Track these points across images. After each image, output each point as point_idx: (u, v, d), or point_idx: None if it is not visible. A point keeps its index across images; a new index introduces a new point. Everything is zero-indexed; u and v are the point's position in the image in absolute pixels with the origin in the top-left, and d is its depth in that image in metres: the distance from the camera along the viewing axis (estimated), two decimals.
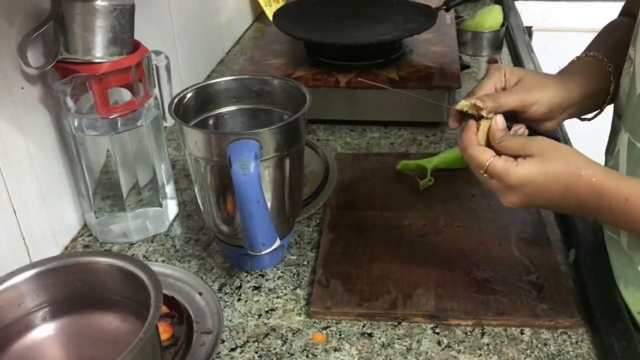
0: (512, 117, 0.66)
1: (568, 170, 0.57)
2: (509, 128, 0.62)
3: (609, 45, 0.74)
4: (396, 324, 0.68)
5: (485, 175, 0.60)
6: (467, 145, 0.61)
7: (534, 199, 0.59)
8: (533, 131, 0.67)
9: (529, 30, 1.70)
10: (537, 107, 0.66)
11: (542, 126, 0.69)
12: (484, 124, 0.61)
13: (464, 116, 0.63)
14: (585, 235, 0.77)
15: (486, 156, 0.59)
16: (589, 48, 0.75)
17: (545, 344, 0.65)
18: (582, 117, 0.74)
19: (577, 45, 0.83)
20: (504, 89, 0.67)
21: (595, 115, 0.74)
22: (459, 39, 1.29)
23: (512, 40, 1.43)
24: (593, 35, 0.77)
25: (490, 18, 1.38)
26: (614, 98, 0.72)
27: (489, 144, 0.61)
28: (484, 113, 0.61)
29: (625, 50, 0.70)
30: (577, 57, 0.74)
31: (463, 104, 0.62)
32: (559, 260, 0.75)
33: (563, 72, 0.72)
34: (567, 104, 0.68)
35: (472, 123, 0.62)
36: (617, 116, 0.70)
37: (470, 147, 0.60)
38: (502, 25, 1.39)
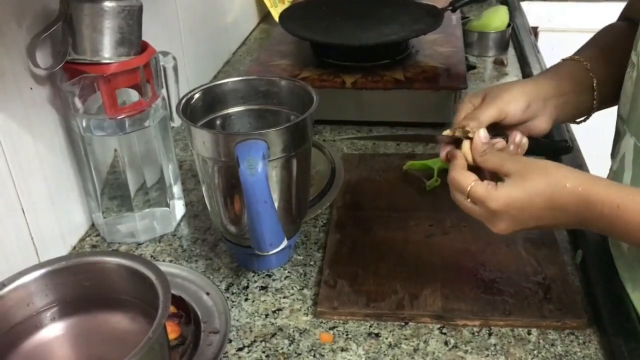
0: (500, 130, 0.67)
1: (549, 184, 0.56)
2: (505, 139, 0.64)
3: (599, 48, 0.74)
4: (403, 324, 0.68)
5: (468, 200, 0.60)
6: (451, 168, 0.61)
7: (522, 219, 0.58)
8: (535, 146, 0.68)
9: (535, 31, 1.70)
10: (514, 105, 0.66)
11: (534, 128, 0.69)
12: (466, 143, 0.62)
13: (454, 144, 0.65)
14: (592, 236, 0.76)
15: (468, 180, 0.59)
16: (576, 52, 0.75)
17: (552, 345, 0.65)
18: (576, 120, 0.74)
19: (582, 44, 0.83)
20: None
21: (586, 119, 0.74)
22: (465, 39, 1.29)
23: (518, 41, 1.43)
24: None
25: (496, 19, 1.38)
26: (608, 98, 0.71)
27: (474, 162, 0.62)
28: (470, 135, 0.62)
29: (616, 53, 0.70)
30: (558, 62, 0.75)
31: (447, 132, 0.64)
32: (565, 261, 0.75)
33: (536, 75, 0.75)
34: (544, 96, 0.68)
35: (458, 150, 0.63)
36: (621, 120, 0.69)
37: (454, 170, 0.61)
38: (508, 25, 1.39)
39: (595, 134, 1.06)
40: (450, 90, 1.05)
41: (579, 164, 0.94)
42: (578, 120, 0.74)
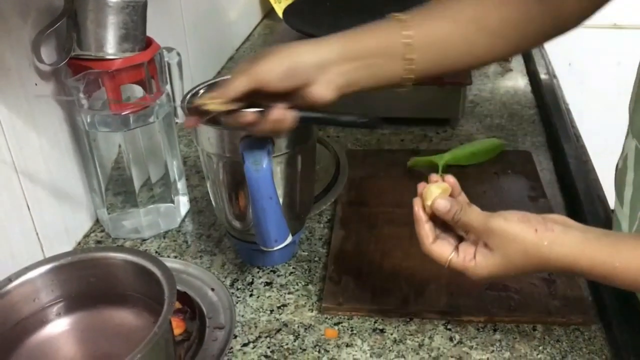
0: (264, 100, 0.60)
1: (532, 262, 0.54)
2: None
3: (430, 8, 0.65)
4: (408, 320, 0.68)
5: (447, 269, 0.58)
6: (422, 241, 0.59)
7: (505, 279, 0.59)
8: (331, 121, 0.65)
9: None
10: (269, 73, 0.58)
11: (310, 97, 0.60)
12: (435, 186, 0.60)
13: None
14: None
15: (445, 253, 0.57)
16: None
17: (557, 341, 0.64)
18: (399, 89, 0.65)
19: (587, 42, 0.83)
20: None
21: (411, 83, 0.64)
22: None
23: None
24: (603, 30, 0.77)
25: None
26: (433, 66, 0.63)
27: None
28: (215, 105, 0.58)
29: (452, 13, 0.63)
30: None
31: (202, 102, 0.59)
32: None
33: (332, 36, 0.65)
34: (318, 62, 0.60)
35: (419, 216, 0.60)
36: (630, 118, 0.67)
37: (425, 245, 0.59)
38: None
39: (600, 129, 1.06)
40: (455, 86, 1.05)
41: (584, 160, 0.94)
42: (401, 90, 0.66)
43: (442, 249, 0.58)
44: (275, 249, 0.68)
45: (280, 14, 1.42)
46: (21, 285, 0.57)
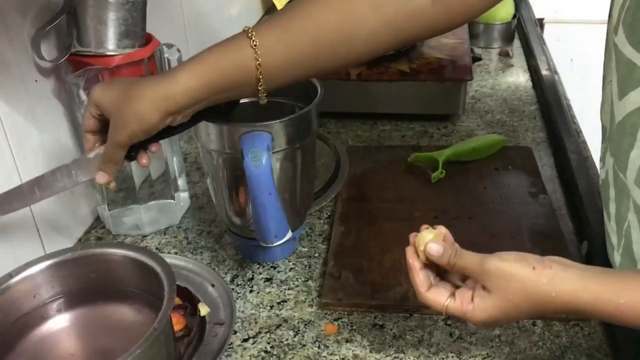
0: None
1: (533, 302, 0.51)
2: None
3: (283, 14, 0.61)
4: (408, 315, 0.68)
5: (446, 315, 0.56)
6: (417, 290, 0.57)
7: (506, 322, 0.56)
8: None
9: (540, 22, 1.69)
10: (144, 127, 0.57)
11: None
12: (427, 232, 0.58)
13: None
14: (597, 228, 0.76)
15: (441, 300, 0.55)
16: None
17: (557, 336, 0.64)
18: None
19: (588, 38, 0.82)
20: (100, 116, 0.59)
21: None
22: (470, 30, 1.29)
23: (523, 32, 1.42)
24: (605, 27, 0.76)
25: (502, 10, 1.37)
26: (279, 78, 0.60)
27: None
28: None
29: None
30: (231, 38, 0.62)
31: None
32: (571, 253, 0.74)
33: (193, 63, 0.60)
34: (178, 108, 0.57)
35: (413, 265, 0.57)
36: (603, 129, 0.64)
37: (421, 294, 0.56)
38: (514, 17, 1.39)
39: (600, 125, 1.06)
40: (456, 82, 1.05)
41: (585, 156, 0.94)
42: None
43: (438, 295, 0.55)
44: (275, 244, 0.68)
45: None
46: (22, 281, 0.57)
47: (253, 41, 0.58)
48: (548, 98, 1.11)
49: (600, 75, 0.66)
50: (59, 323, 0.60)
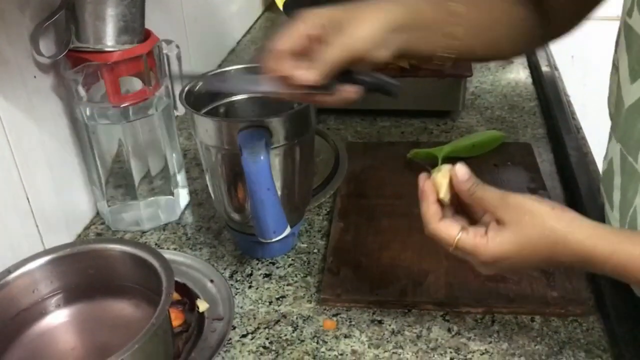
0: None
1: (549, 241, 0.50)
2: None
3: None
4: (406, 311, 0.68)
5: (456, 250, 0.54)
6: (428, 220, 0.54)
7: (514, 269, 0.54)
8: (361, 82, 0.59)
9: None
10: (361, 45, 0.56)
11: (371, 58, 0.58)
12: (442, 175, 0.55)
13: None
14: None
15: (453, 232, 0.53)
16: None
17: (555, 332, 0.65)
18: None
19: (590, 32, 0.82)
20: (319, 37, 0.56)
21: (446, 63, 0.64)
22: None
23: None
24: (607, 22, 0.76)
25: None
26: (474, 51, 0.65)
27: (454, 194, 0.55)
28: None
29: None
30: None
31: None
32: None
33: None
34: (393, 27, 0.57)
35: (428, 191, 0.55)
36: (610, 119, 0.65)
37: (432, 222, 0.54)
38: None
39: (602, 121, 1.06)
40: (456, 78, 1.05)
41: (585, 152, 0.93)
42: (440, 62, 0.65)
43: (449, 228, 0.53)
44: (273, 240, 0.68)
45: (280, 6, 1.41)
46: (20, 277, 0.58)
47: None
48: (548, 94, 1.11)
49: (601, 72, 0.66)
50: (57, 318, 0.60)
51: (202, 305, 0.67)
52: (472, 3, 0.62)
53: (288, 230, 0.69)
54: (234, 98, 0.77)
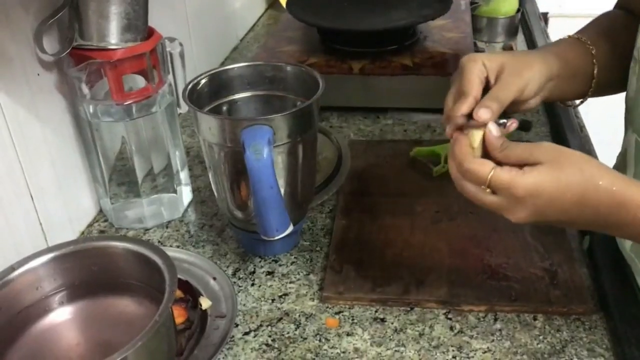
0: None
1: (583, 179, 0.51)
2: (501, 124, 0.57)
3: (596, 33, 0.70)
4: (409, 309, 0.68)
5: (487, 190, 0.54)
6: (462, 159, 0.54)
7: (546, 211, 0.53)
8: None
9: (545, 17, 1.68)
10: (530, 87, 0.61)
11: (524, 106, 0.64)
12: (475, 135, 0.56)
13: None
14: None
15: (487, 168, 0.53)
16: (576, 33, 0.72)
17: (558, 330, 0.65)
18: (567, 103, 0.72)
19: None
20: (487, 79, 0.61)
21: (581, 102, 0.71)
22: (473, 25, 1.28)
23: (527, 27, 1.41)
24: None
25: (506, 4, 1.37)
26: (604, 87, 0.69)
27: (486, 157, 0.56)
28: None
29: (616, 39, 0.68)
30: (562, 38, 0.71)
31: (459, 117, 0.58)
32: (573, 247, 0.74)
33: (541, 49, 0.69)
34: (548, 78, 0.64)
35: (462, 138, 0.56)
36: (627, 113, 0.67)
37: (467, 161, 0.54)
38: (518, 11, 1.38)
39: (606, 119, 1.06)
40: None
41: (588, 150, 0.93)
42: (568, 104, 0.72)
43: (484, 164, 0.53)
44: (276, 238, 0.68)
45: (284, 4, 1.41)
46: (24, 274, 0.58)
47: (591, 48, 0.68)
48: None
49: None
50: (61, 315, 0.60)
51: (205, 303, 0.67)
52: (596, 44, 0.68)
53: (291, 228, 0.69)
54: (237, 96, 0.77)
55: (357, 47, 1.11)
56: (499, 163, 0.54)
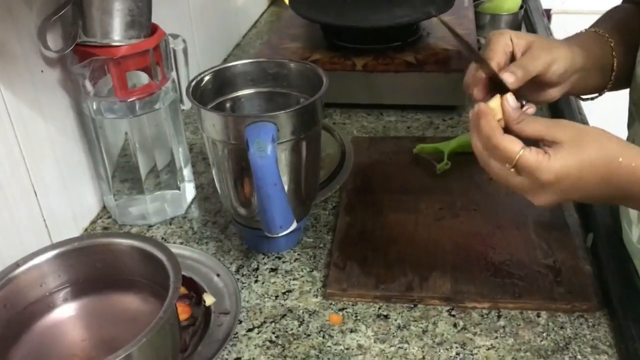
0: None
1: (605, 157, 0.51)
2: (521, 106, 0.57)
3: (610, 26, 0.71)
4: (412, 306, 0.68)
5: (512, 170, 0.53)
6: (491, 134, 0.53)
7: (569, 194, 0.53)
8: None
9: (548, 13, 1.68)
10: (556, 66, 0.62)
11: (546, 95, 0.65)
12: (493, 102, 0.55)
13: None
14: (603, 219, 0.76)
15: (516, 147, 0.52)
16: (591, 27, 0.72)
17: (561, 327, 0.65)
18: (584, 97, 0.72)
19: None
20: (512, 53, 0.62)
21: (598, 95, 0.71)
22: (477, 21, 1.28)
23: (530, 23, 1.41)
24: None
25: (509, 0, 1.36)
26: (621, 80, 0.70)
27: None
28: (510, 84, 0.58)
29: (625, 31, 0.68)
30: (579, 32, 0.71)
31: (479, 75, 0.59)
32: (576, 244, 0.74)
33: (566, 39, 0.69)
34: (573, 69, 0.64)
35: (486, 110, 0.54)
36: (634, 105, 0.68)
37: (496, 137, 0.53)
38: (521, 7, 1.37)
39: (610, 116, 1.05)
40: (462, 73, 1.04)
41: None
42: (585, 97, 0.72)
43: (513, 142, 0.53)
44: (280, 235, 0.68)
45: (287, 0, 1.41)
46: (28, 271, 0.58)
47: (610, 41, 0.69)
48: None
49: None
50: (65, 312, 0.60)
51: (209, 299, 0.67)
52: (613, 37, 0.69)
53: (294, 225, 0.69)
54: (240, 93, 0.77)
55: (361, 43, 1.11)
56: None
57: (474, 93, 0.60)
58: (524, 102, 0.59)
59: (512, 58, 0.62)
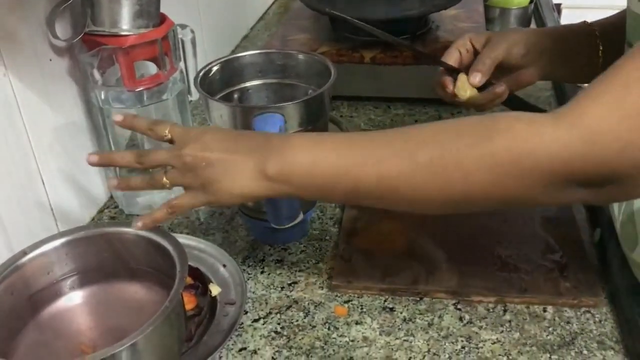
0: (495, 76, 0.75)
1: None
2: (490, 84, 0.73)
3: (612, 22, 0.74)
4: (418, 299, 0.68)
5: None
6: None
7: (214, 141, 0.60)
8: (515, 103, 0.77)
9: (558, 7, 1.66)
10: (517, 49, 0.72)
11: (522, 78, 0.75)
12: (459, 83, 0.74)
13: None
14: (610, 214, 0.76)
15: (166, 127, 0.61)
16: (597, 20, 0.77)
17: (568, 322, 0.64)
18: (581, 85, 0.76)
19: None
20: (474, 51, 0.75)
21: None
22: (486, 15, 1.27)
23: (540, 17, 1.40)
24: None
25: None
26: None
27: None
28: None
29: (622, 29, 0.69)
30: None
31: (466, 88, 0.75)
32: (583, 239, 0.74)
33: (544, 27, 0.80)
34: (537, 50, 0.73)
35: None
36: None
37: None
38: (531, 1, 1.36)
39: None
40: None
41: None
42: (581, 84, 0.76)
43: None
44: (286, 227, 0.68)
45: None
46: (35, 258, 0.58)
47: (594, 28, 0.74)
48: (563, 85, 1.10)
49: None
50: (71, 300, 0.61)
51: (215, 290, 0.67)
52: (609, 32, 0.73)
53: (301, 217, 0.69)
54: (248, 84, 0.77)
55: (369, 36, 1.10)
56: None
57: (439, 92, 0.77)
58: (493, 82, 0.73)
59: (476, 53, 0.76)
